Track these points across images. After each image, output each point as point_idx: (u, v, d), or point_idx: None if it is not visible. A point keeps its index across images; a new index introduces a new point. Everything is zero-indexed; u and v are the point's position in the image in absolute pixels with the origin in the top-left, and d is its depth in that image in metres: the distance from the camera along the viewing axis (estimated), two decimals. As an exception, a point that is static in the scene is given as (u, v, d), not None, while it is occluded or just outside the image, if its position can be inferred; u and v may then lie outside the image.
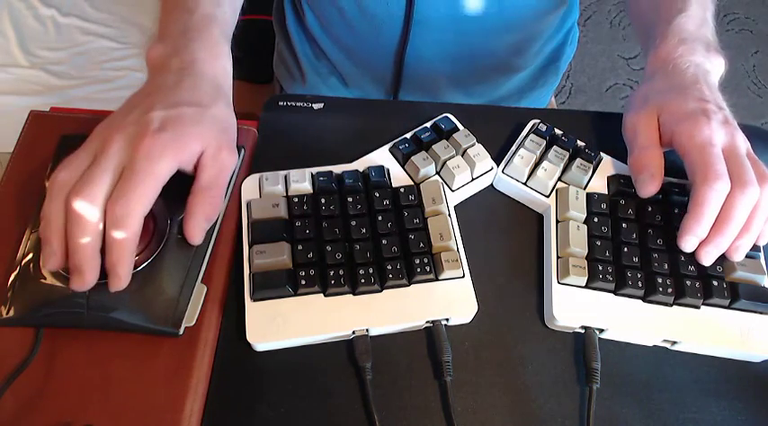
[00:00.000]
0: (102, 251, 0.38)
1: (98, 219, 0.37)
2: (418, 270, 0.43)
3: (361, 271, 0.43)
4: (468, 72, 0.73)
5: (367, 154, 0.50)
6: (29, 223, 0.44)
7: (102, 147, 0.39)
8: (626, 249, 0.45)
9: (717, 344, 0.44)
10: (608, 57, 1.76)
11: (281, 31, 0.81)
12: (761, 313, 0.45)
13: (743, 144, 0.45)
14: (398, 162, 0.50)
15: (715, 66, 0.49)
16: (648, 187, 0.46)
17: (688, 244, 0.43)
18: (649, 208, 0.47)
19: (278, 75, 0.86)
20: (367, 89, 0.78)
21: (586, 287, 0.45)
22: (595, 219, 0.47)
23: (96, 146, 0.39)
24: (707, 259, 0.44)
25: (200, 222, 0.42)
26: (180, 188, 0.41)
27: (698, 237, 0.43)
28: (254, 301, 0.42)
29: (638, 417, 0.42)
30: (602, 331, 0.44)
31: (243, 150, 0.50)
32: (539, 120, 0.52)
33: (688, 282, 0.44)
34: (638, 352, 0.45)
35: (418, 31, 0.65)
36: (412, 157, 0.49)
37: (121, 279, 0.39)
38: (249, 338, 0.41)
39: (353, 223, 0.45)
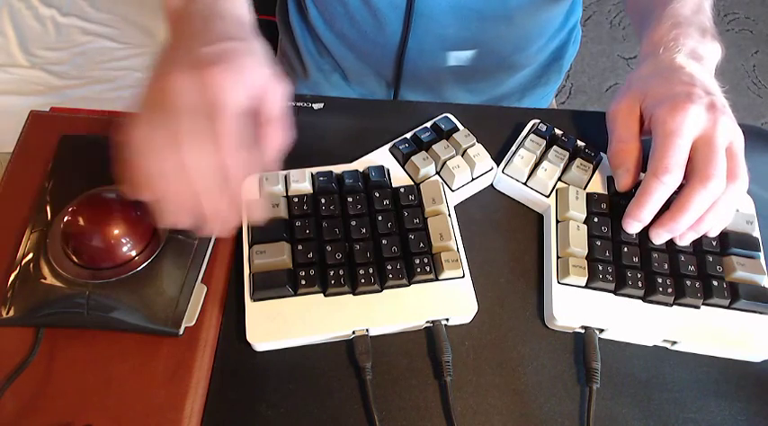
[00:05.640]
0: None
1: (209, 169, 0.35)
2: (418, 270, 0.43)
3: (361, 271, 0.43)
4: (470, 68, 0.73)
5: (367, 154, 0.50)
6: (29, 223, 0.44)
7: (166, 96, 0.35)
8: (626, 249, 0.45)
9: (717, 344, 0.44)
10: (608, 57, 1.77)
11: (284, 28, 0.81)
12: (761, 313, 0.45)
13: (724, 134, 0.43)
14: (398, 162, 0.50)
15: (709, 52, 0.48)
16: (624, 181, 0.47)
17: (631, 227, 0.45)
18: (649, 208, 0.47)
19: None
20: (369, 85, 0.78)
21: (586, 287, 0.45)
22: (595, 219, 0.47)
23: (156, 97, 0.36)
24: (657, 239, 0.45)
25: (277, 150, 0.40)
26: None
27: (641, 223, 0.45)
28: (254, 301, 0.42)
29: (638, 417, 0.42)
30: (602, 331, 0.44)
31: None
32: (539, 120, 0.52)
33: (688, 282, 0.44)
34: (638, 352, 0.45)
35: (420, 23, 0.65)
36: (412, 157, 0.49)
37: (234, 225, 0.38)
38: (249, 338, 0.41)
39: (353, 223, 0.45)
